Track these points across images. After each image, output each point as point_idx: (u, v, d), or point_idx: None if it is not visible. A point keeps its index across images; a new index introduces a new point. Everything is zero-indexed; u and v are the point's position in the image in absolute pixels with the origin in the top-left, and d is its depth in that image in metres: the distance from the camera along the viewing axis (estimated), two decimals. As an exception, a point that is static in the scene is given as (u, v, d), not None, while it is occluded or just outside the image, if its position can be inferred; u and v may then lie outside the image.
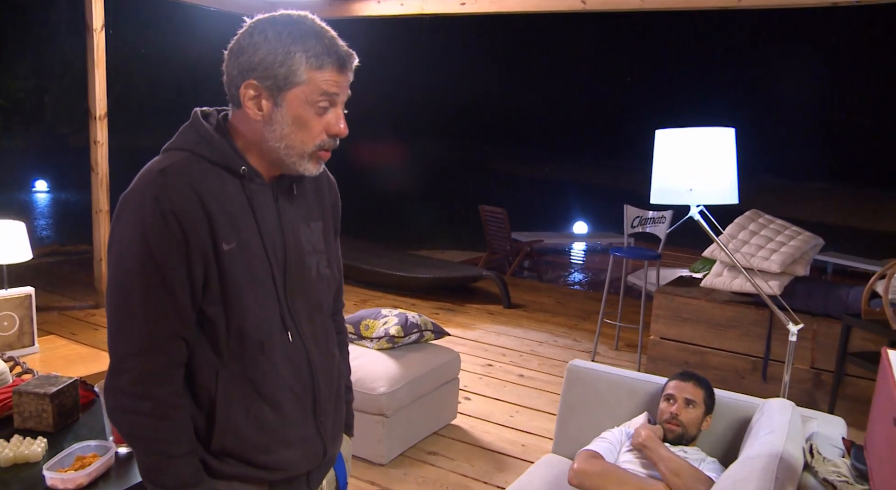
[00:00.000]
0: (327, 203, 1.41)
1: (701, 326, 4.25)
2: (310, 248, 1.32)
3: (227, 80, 1.22)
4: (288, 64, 1.16)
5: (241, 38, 1.19)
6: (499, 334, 5.27)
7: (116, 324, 1.17)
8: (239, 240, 1.20)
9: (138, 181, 1.17)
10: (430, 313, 5.72)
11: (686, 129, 2.36)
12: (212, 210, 1.16)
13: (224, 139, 1.22)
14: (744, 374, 4.16)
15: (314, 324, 1.34)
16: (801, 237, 4.19)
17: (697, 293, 4.34)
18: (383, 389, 3.04)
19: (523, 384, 4.30)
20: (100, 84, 5.04)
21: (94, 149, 5.13)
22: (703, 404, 2.25)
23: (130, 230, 1.14)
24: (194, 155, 1.20)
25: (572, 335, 5.35)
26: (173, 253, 1.13)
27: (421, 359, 3.35)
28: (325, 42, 1.17)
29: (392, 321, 3.37)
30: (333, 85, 1.19)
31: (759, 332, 4.09)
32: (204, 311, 1.19)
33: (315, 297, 1.34)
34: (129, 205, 1.15)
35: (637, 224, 4.85)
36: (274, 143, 1.21)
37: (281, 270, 1.26)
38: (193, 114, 1.26)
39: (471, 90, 30.65)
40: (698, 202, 2.33)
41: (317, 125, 1.21)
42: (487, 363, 4.63)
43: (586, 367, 2.53)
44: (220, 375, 1.22)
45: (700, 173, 2.30)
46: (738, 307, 4.14)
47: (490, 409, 3.88)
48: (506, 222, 8.32)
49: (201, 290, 1.18)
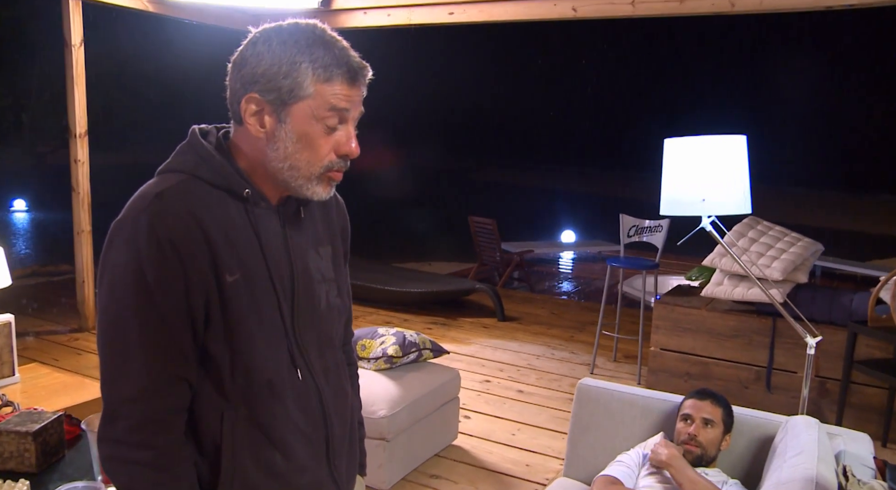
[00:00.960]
0: (336, 226, 1.31)
1: (702, 336, 4.17)
2: (319, 276, 1.21)
3: (229, 95, 1.11)
4: (293, 75, 1.05)
5: (244, 49, 1.09)
6: (495, 349, 5.17)
7: (110, 366, 1.05)
8: (243, 270, 1.09)
9: (131, 206, 1.06)
10: (424, 328, 5.61)
11: (696, 138, 2.28)
12: (214, 238, 1.05)
13: (225, 159, 1.11)
14: (747, 384, 4.08)
15: (325, 359, 1.23)
16: (801, 243, 4.14)
17: (698, 303, 4.27)
18: (383, 412, 2.92)
19: (523, 400, 4.19)
20: (79, 101, 4.90)
21: (75, 167, 4.97)
22: (721, 423, 2.16)
23: (123, 261, 1.03)
24: (193, 177, 1.09)
25: (569, 347, 5.25)
26: (172, 286, 1.02)
27: (420, 379, 3.24)
28: (335, 52, 1.07)
29: (390, 340, 3.25)
30: (343, 99, 1.08)
31: (761, 340, 4.01)
32: (206, 348, 1.08)
33: (325, 330, 1.23)
34: (122, 233, 1.04)
35: (633, 233, 4.78)
36: (277, 164, 1.10)
37: (288, 302, 1.15)
38: (191, 132, 1.15)
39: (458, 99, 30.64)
40: (711, 213, 2.24)
41: (324, 144, 1.10)
42: (485, 379, 4.52)
43: (597, 386, 2.43)
44: (226, 419, 1.10)
45: (712, 183, 2.22)
46: (739, 316, 4.07)
47: (491, 428, 3.77)
48: (495, 233, 8.24)
49: (203, 326, 1.07)
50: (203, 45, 5.16)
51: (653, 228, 4.72)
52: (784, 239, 4.20)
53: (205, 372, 1.09)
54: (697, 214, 2.27)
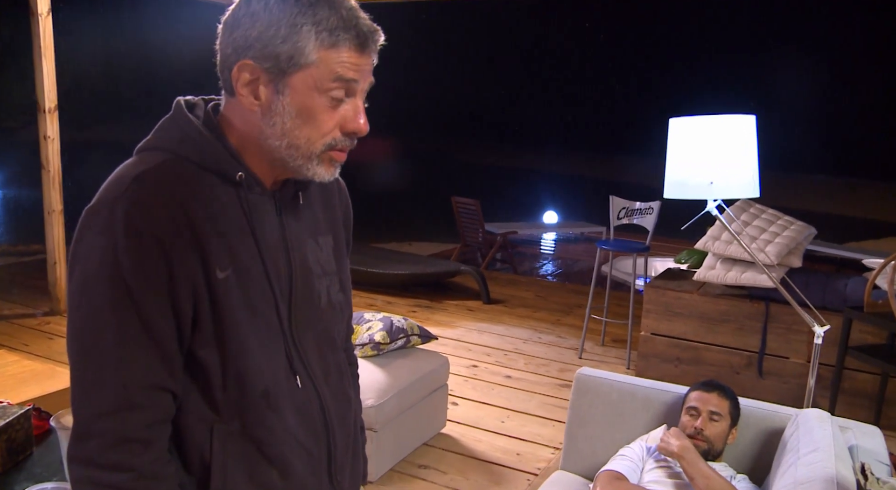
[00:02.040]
0: (338, 212, 1.17)
1: (693, 321, 4.11)
2: (319, 269, 1.08)
3: (219, 61, 0.97)
4: (293, 40, 0.91)
5: (237, 8, 0.94)
6: (481, 332, 5.07)
7: (82, 375, 0.91)
8: (236, 265, 0.95)
9: (106, 192, 0.91)
10: (408, 312, 5.49)
11: (703, 118, 2.17)
12: (202, 228, 0.92)
13: (215, 137, 0.97)
14: (738, 369, 4.02)
15: (326, 362, 1.10)
16: (795, 227, 4.07)
17: (689, 287, 4.19)
18: (371, 402, 2.81)
19: (511, 386, 4.10)
20: (48, 74, 4.68)
21: (45, 144, 4.75)
22: (728, 416, 2.07)
23: (97, 255, 0.88)
24: (178, 157, 0.95)
25: (556, 331, 5.18)
26: (154, 284, 0.89)
27: (408, 366, 3.13)
28: (342, 13, 0.92)
29: (377, 326, 3.13)
30: (351, 68, 0.94)
31: (753, 326, 3.95)
32: (194, 354, 0.95)
33: (326, 329, 1.10)
34: (95, 222, 0.90)
35: (623, 215, 4.68)
36: (274, 141, 0.96)
37: (286, 299, 1.02)
38: (175, 104, 1.00)
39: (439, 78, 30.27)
40: (718, 196, 2.14)
41: (328, 119, 0.96)
42: (472, 364, 4.43)
43: (596, 376, 2.34)
44: (216, 433, 0.97)
45: (720, 165, 2.11)
46: (731, 300, 4.00)
47: (479, 415, 3.68)
48: (479, 214, 8.12)
49: (190, 329, 0.93)
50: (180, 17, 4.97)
51: (643, 211, 4.63)
52: (777, 222, 4.13)
53: (192, 381, 0.96)
54: (704, 198, 2.16)
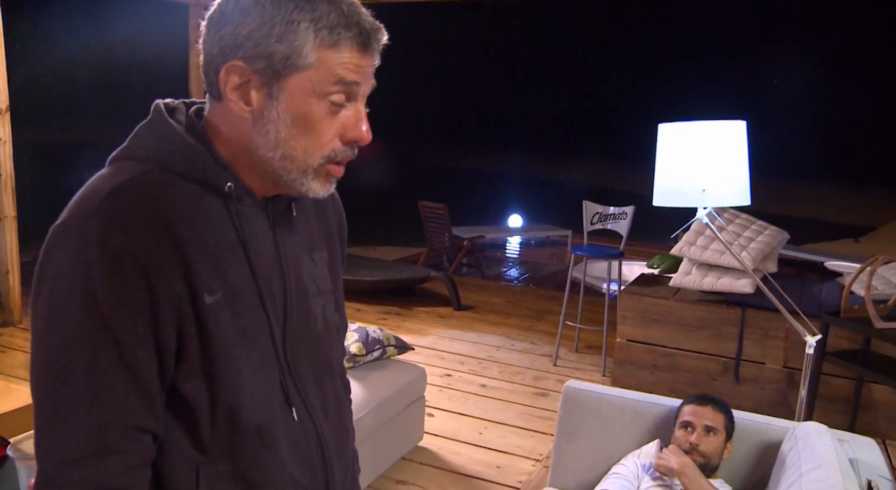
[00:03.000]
0: (333, 225, 1.08)
1: (670, 327, 4.08)
2: (314, 288, 0.98)
3: (204, 62, 0.86)
4: (289, 38, 0.81)
5: (223, 3, 0.84)
6: (453, 340, 4.98)
7: (49, 417, 0.79)
8: (226, 286, 0.85)
9: (77, 207, 0.80)
10: (378, 319, 5.38)
11: (694, 123, 2.12)
12: (188, 247, 0.81)
13: (200, 143, 0.87)
14: (715, 375, 4.00)
15: (324, 391, 1.00)
16: (769, 231, 4.07)
17: (665, 293, 4.16)
18: (348, 417, 2.70)
19: (487, 395, 4.02)
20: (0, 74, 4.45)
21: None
22: (723, 430, 2.02)
23: (67, 279, 0.78)
24: (158, 167, 0.84)
25: (529, 337, 5.11)
26: (132, 311, 0.78)
27: (385, 378, 3.02)
28: (343, 9, 0.83)
29: (352, 337, 3.02)
30: (353, 70, 0.85)
31: (730, 331, 3.94)
32: (178, 389, 0.84)
33: (323, 354, 1.00)
34: (65, 241, 0.79)
35: (597, 220, 4.64)
36: (266, 152, 0.86)
37: (280, 323, 0.92)
38: (154, 108, 0.89)
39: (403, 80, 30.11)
40: (710, 204, 2.09)
41: (327, 127, 0.86)
42: (446, 373, 4.33)
43: (585, 389, 2.27)
44: (203, 476, 0.87)
45: (712, 172, 2.06)
46: (708, 306, 3.98)
47: (456, 427, 3.59)
48: (446, 218, 8.05)
49: (174, 360, 0.83)
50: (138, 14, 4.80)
51: (617, 215, 4.60)
52: (751, 227, 4.13)
53: (175, 419, 0.85)
54: (695, 206, 2.11)
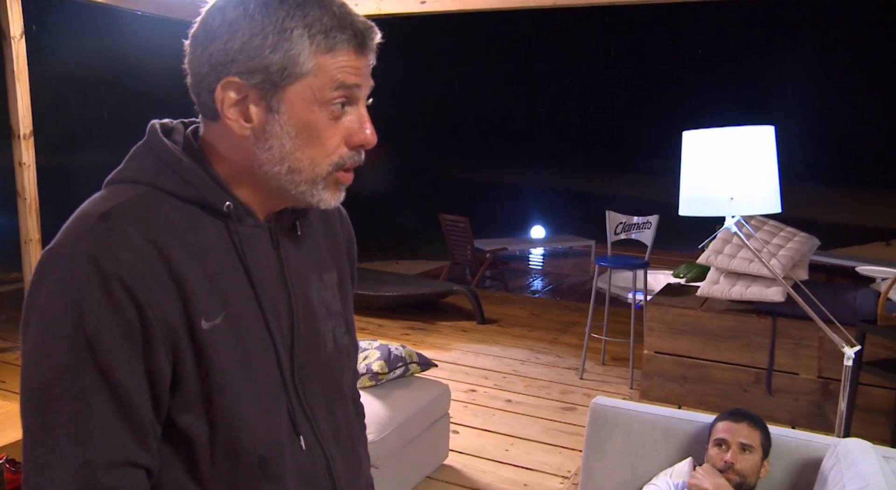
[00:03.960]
0: (342, 244, 1.03)
1: (698, 338, 3.98)
2: (323, 310, 0.94)
3: (192, 83, 0.83)
4: (284, 47, 0.78)
5: (207, 19, 0.81)
6: (477, 354, 4.92)
7: (36, 452, 0.76)
8: (227, 311, 0.81)
9: (68, 231, 0.77)
10: (401, 334, 5.33)
11: (719, 130, 2.05)
12: (183, 271, 0.78)
13: (197, 163, 0.84)
14: (746, 387, 3.90)
15: (335, 417, 0.95)
16: (798, 238, 3.97)
17: (692, 303, 4.07)
18: (371, 437, 2.65)
19: (512, 411, 3.95)
20: (22, 98, 4.50)
21: (20, 171, 4.56)
22: (760, 448, 1.94)
23: (56, 307, 0.74)
24: (154, 189, 0.81)
25: (554, 351, 5.03)
26: (123, 341, 0.75)
27: (409, 396, 2.97)
28: (335, 11, 0.80)
29: (374, 355, 2.98)
30: (352, 73, 0.81)
31: (761, 341, 3.83)
32: (174, 421, 0.80)
33: (333, 379, 0.96)
34: (54, 267, 0.75)
35: (620, 231, 4.57)
36: (272, 168, 0.83)
37: (287, 347, 0.88)
38: (150, 129, 0.86)
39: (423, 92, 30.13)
40: (739, 212, 2.02)
41: (332, 135, 0.83)
42: (471, 388, 4.27)
43: (613, 406, 2.20)
44: None
45: (740, 179, 1.99)
46: (737, 316, 3.88)
47: (482, 443, 3.52)
48: (468, 231, 8.00)
49: (168, 391, 0.79)
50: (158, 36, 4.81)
51: (641, 225, 4.52)
52: (780, 234, 4.03)
53: (172, 452, 0.81)
54: (723, 214, 2.04)
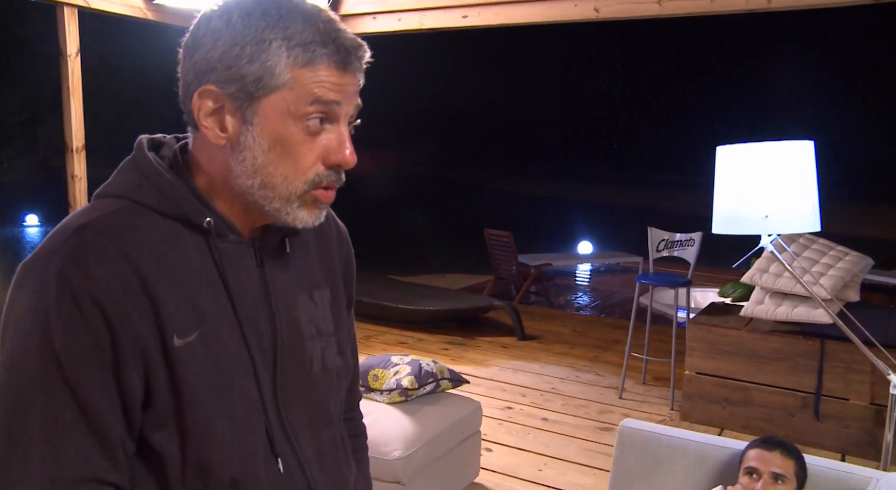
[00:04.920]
0: (337, 262, 1.02)
1: (742, 360, 3.85)
2: (311, 330, 0.92)
3: (181, 91, 0.83)
4: (261, 58, 0.77)
5: (196, 28, 0.81)
6: (515, 371, 4.86)
7: (2, 464, 0.75)
8: (202, 328, 0.80)
9: (44, 245, 0.78)
10: (440, 349, 5.31)
11: (755, 145, 1.99)
12: (157, 288, 0.77)
13: (179, 178, 0.84)
14: (793, 411, 3.75)
15: (319, 439, 0.94)
16: (849, 258, 3.81)
17: (736, 323, 3.94)
18: (398, 453, 2.63)
19: (548, 429, 3.88)
20: (76, 114, 4.67)
21: (72, 184, 4.73)
22: (794, 478, 1.84)
23: (27, 322, 0.75)
24: (135, 203, 0.81)
25: (594, 369, 4.94)
26: (92, 357, 0.74)
27: (439, 413, 2.94)
28: (319, 26, 0.79)
29: (404, 371, 2.96)
30: (331, 89, 0.80)
31: (808, 364, 3.68)
32: (146, 438, 0.80)
33: (319, 401, 0.94)
34: (28, 281, 0.76)
35: (663, 248, 4.47)
36: (245, 180, 0.82)
37: (269, 367, 0.87)
38: (137, 143, 0.87)
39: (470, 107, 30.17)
40: (775, 231, 1.94)
41: (307, 151, 0.81)
42: (507, 405, 4.22)
43: (642, 429, 2.13)
44: None
45: (776, 197, 1.92)
46: (783, 338, 3.74)
47: (515, 462, 3.47)
48: (512, 246, 7.97)
49: (140, 408, 0.78)
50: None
51: (684, 242, 4.41)
52: (829, 253, 3.88)
53: (145, 470, 0.81)
54: (758, 233, 1.97)
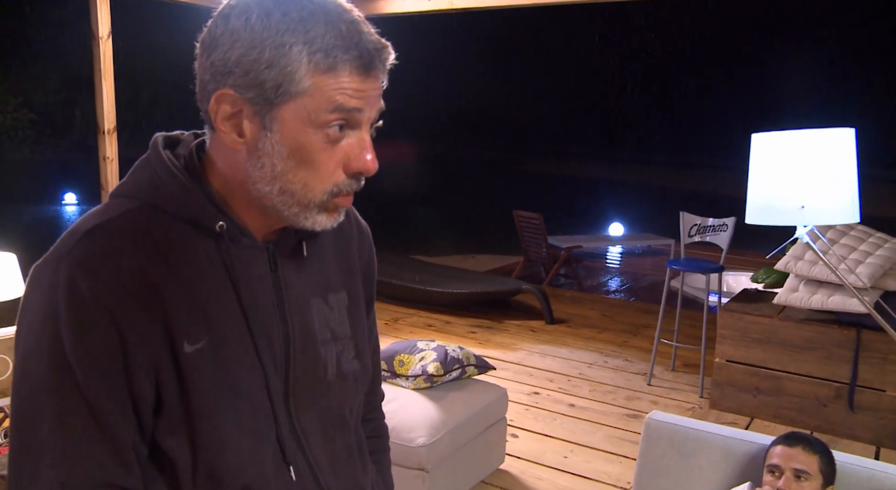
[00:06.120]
0: (356, 263, 0.99)
1: (774, 348, 3.77)
2: (326, 334, 0.90)
3: (198, 89, 0.81)
4: (280, 64, 0.74)
5: (213, 25, 0.78)
6: (543, 356, 4.84)
7: (16, 469, 0.76)
8: (211, 334, 0.79)
9: (57, 247, 0.77)
10: (467, 332, 5.30)
11: (792, 133, 1.91)
12: (168, 292, 0.76)
13: (194, 180, 0.82)
14: (826, 401, 3.67)
15: (333, 446, 0.92)
16: (889, 245, 3.70)
17: (768, 311, 3.86)
18: (422, 440, 2.63)
19: (575, 415, 3.86)
20: (107, 95, 4.70)
21: (104, 165, 4.78)
22: (819, 474, 1.79)
23: (38, 325, 0.74)
24: (147, 205, 0.80)
25: (623, 354, 4.89)
26: (102, 363, 0.74)
27: (464, 399, 2.93)
28: (341, 28, 0.75)
29: (430, 357, 2.95)
30: (354, 95, 0.76)
31: (843, 354, 3.60)
32: (159, 444, 0.79)
33: (333, 406, 0.92)
34: (40, 283, 0.76)
35: (695, 232, 4.38)
36: (263, 186, 0.79)
37: (280, 373, 0.85)
38: (152, 142, 0.85)
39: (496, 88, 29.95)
40: (811, 222, 1.88)
41: (328, 159, 0.79)
42: (534, 391, 4.20)
43: (669, 422, 2.10)
44: None
45: (813, 187, 1.85)
46: (817, 326, 3.66)
47: (541, 449, 3.45)
48: (542, 228, 7.90)
49: (152, 413, 0.78)
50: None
51: (717, 227, 4.32)
52: (868, 240, 3.77)
53: (157, 475, 0.80)
54: (793, 224, 1.90)
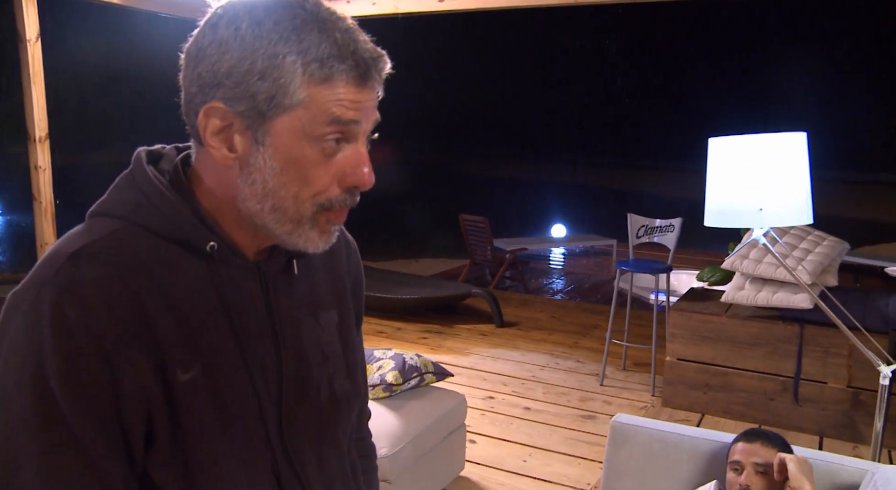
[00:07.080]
0: (346, 281, 0.95)
1: (722, 345, 3.87)
2: (318, 356, 0.86)
3: (184, 102, 0.76)
4: (273, 75, 0.70)
5: (200, 35, 0.74)
6: (495, 359, 4.84)
7: None
8: (204, 362, 0.74)
9: (37, 271, 0.71)
10: (419, 338, 5.27)
11: (747, 137, 1.96)
12: (157, 319, 0.71)
13: (182, 198, 0.77)
14: (773, 395, 3.78)
15: (328, 470, 0.88)
16: (827, 243, 3.84)
17: (716, 309, 3.96)
18: (384, 451, 2.58)
19: (531, 419, 3.87)
20: (38, 101, 4.50)
21: (36, 175, 4.57)
22: (783, 469, 1.84)
23: (19, 356, 0.68)
24: (132, 225, 0.74)
25: (574, 355, 4.94)
26: (89, 394, 0.68)
27: (424, 408, 2.90)
28: (336, 37, 0.71)
29: (388, 365, 2.91)
30: (350, 107, 0.73)
31: (787, 349, 3.71)
32: (149, 477, 0.74)
33: (327, 430, 0.88)
34: (19, 311, 0.69)
35: (643, 234, 4.46)
36: (254, 204, 0.75)
37: (274, 399, 0.81)
38: (135, 157, 0.79)
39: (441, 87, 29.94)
40: (768, 224, 1.92)
41: (323, 174, 0.75)
42: (489, 395, 4.19)
43: (634, 425, 2.11)
44: None
45: (770, 190, 1.89)
46: (763, 323, 3.77)
47: (499, 453, 3.45)
48: (487, 231, 7.92)
49: (143, 446, 0.73)
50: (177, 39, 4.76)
51: (664, 228, 4.41)
52: (807, 238, 3.91)
53: None
54: (752, 226, 1.95)
